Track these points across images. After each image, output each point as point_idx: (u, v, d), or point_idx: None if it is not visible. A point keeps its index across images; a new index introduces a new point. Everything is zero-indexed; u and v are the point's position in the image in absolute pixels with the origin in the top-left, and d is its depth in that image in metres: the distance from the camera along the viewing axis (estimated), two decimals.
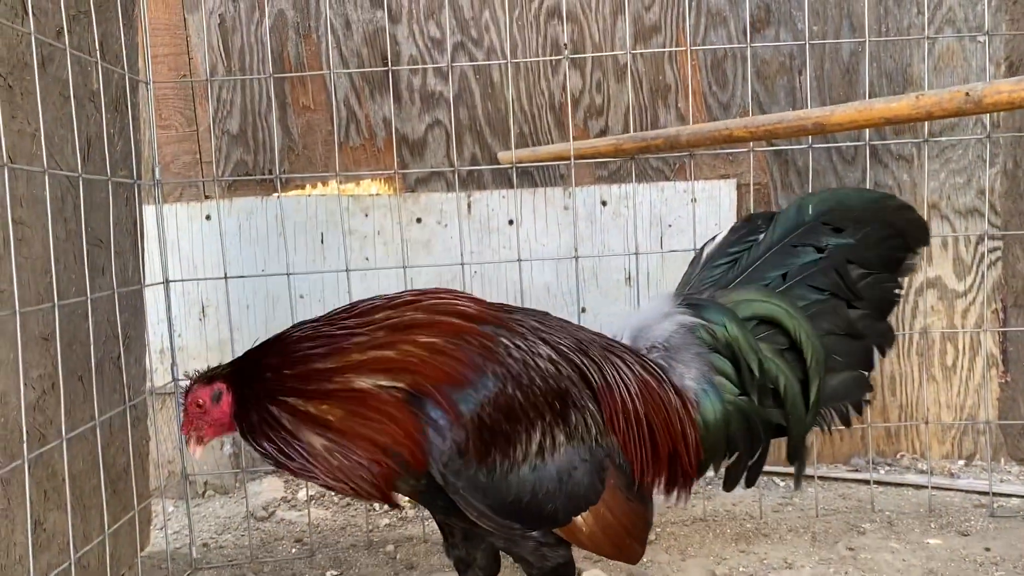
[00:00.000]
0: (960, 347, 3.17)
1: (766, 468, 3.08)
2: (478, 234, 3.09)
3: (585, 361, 1.70)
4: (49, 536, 1.93)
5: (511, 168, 2.83)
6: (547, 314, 1.81)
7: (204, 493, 3.19)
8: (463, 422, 1.49)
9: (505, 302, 1.82)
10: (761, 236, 1.92)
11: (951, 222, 3.13)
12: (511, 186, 3.06)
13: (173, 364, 2.55)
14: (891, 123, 2.01)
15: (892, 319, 1.97)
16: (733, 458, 1.90)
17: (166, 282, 2.52)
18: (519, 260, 2.70)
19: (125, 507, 2.28)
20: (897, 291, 1.94)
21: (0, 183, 1.69)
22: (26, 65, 1.82)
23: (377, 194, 3.13)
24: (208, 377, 1.61)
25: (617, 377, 1.72)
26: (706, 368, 1.83)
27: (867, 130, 2.71)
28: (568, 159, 2.63)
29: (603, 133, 3.14)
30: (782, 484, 3.04)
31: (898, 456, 3.21)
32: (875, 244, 1.90)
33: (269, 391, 1.53)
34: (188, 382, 1.63)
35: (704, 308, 1.86)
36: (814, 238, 1.89)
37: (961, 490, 2.86)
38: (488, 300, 1.74)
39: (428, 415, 1.49)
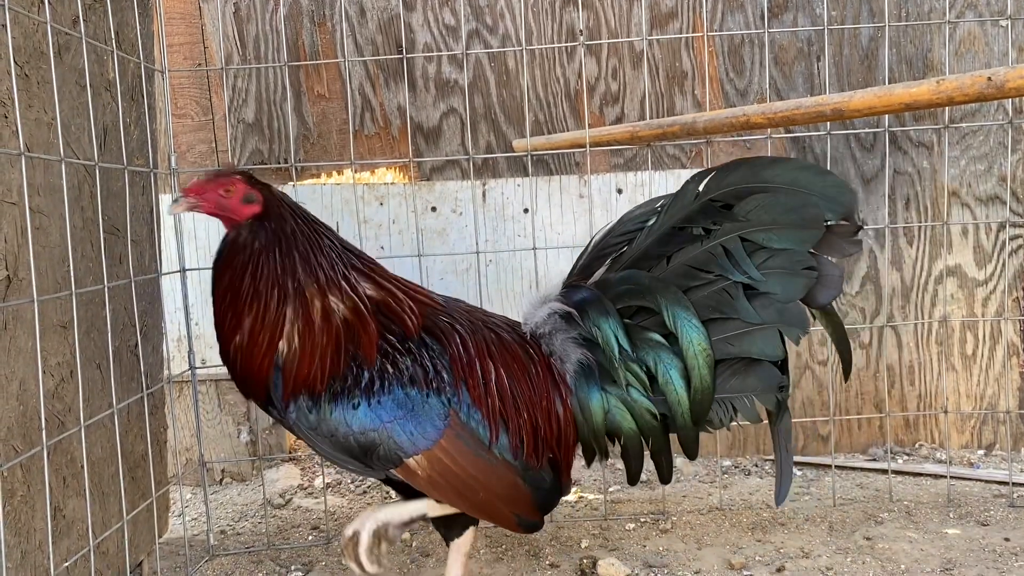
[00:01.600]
0: (980, 336, 3.13)
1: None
2: (493, 222, 3.08)
3: (450, 333, 1.84)
4: (68, 522, 1.95)
5: (526, 156, 2.82)
6: (463, 303, 2.00)
7: (221, 480, 3.22)
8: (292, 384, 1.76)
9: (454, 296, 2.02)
10: (654, 220, 1.87)
11: (972, 209, 3.09)
12: (526, 174, 3.05)
13: (190, 352, 2.56)
14: (911, 109, 1.99)
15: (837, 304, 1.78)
16: (619, 447, 1.91)
17: (183, 270, 2.53)
18: (534, 248, 2.69)
19: (143, 494, 2.30)
20: (808, 268, 1.75)
21: (17, 172, 1.70)
22: (42, 54, 1.83)
23: (392, 183, 3.13)
24: (255, 181, 1.84)
25: (483, 349, 1.85)
26: (583, 354, 1.86)
27: (886, 116, 2.69)
28: (584, 146, 2.62)
29: (619, 120, 3.12)
30: (799, 473, 3.03)
31: (916, 446, 3.19)
32: (775, 217, 1.75)
33: (267, 246, 1.79)
34: (237, 168, 1.87)
35: (577, 295, 1.89)
36: (699, 217, 1.80)
37: (981, 480, 2.84)
38: (441, 295, 1.98)
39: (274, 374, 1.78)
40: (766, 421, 1.88)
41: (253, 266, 1.79)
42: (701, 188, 1.82)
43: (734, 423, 1.87)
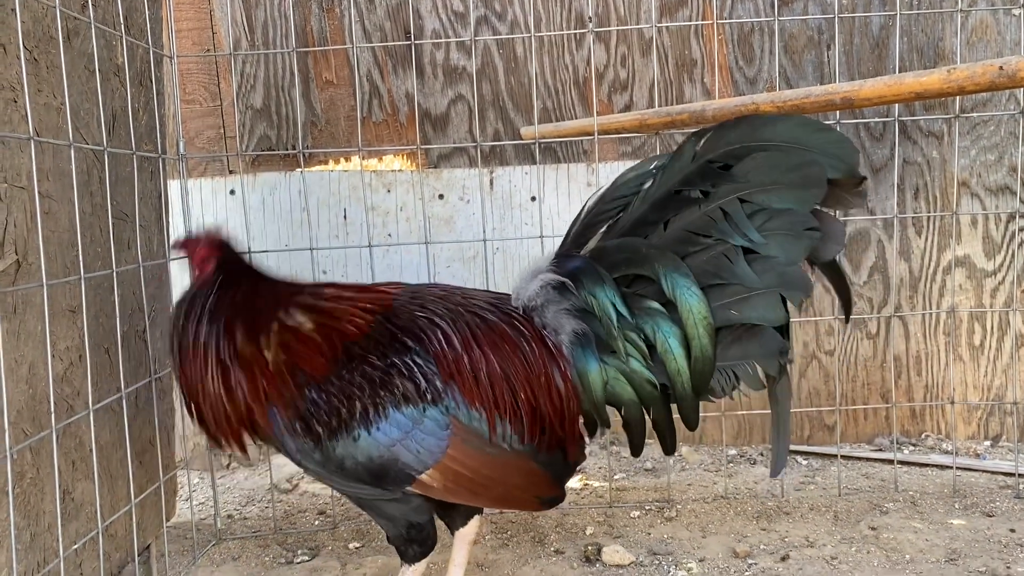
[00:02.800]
0: (988, 327, 3.12)
1: (790, 447, 3.09)
2: (500, 210, 3.08)
3: (429, 329, 1.78)
4: (77, 505, 1.96)
5: (534, 144, 2.81)
6: (438, 288, 1.94)
7: (229, 465, 3.23)
8: (294, 421, 1.73)
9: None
10: (649, 184, 1.78)
11: (981, 200, 3.08)
12: (534, 162, 3.04)
13: None
14: (921, 98, 1.98)
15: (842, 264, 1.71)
16: (622, 417, 1.86)
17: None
18: (541, 237, 2.69)
19: (151, 478, 2.31)
20: (810, 229, 1.68)
21: (27, 156, 1.70)
22: (51, 39, 1.83)
23: (400, 170, 3.13)
24: (213, 242, 1.87)
25: (467, 337, 1.79)
26: (577, 324, 1.81)
27: (896, 106, 2.67)
28: (592, 134, 2.61)
29: (627, 108, 3.11)
30: (804, 463, 3.03)
31: (923, 436, 3.19)
32: (776, 177, 1.67)
33: (221, 305, 1.79)
34: (210, 231, 1.90)
35: (569, 264, 1.82)
36: (697, 179, 1.72)
37: (987, 471, 2.84)
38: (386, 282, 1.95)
39: (273, 414, 1.74)
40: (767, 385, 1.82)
41: (196, 323, 1.80)
42: (699, 148, 1.73)
43: (737, 391, 1.81)
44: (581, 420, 1.88)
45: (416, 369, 1.73)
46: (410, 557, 1.87)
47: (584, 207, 1.87)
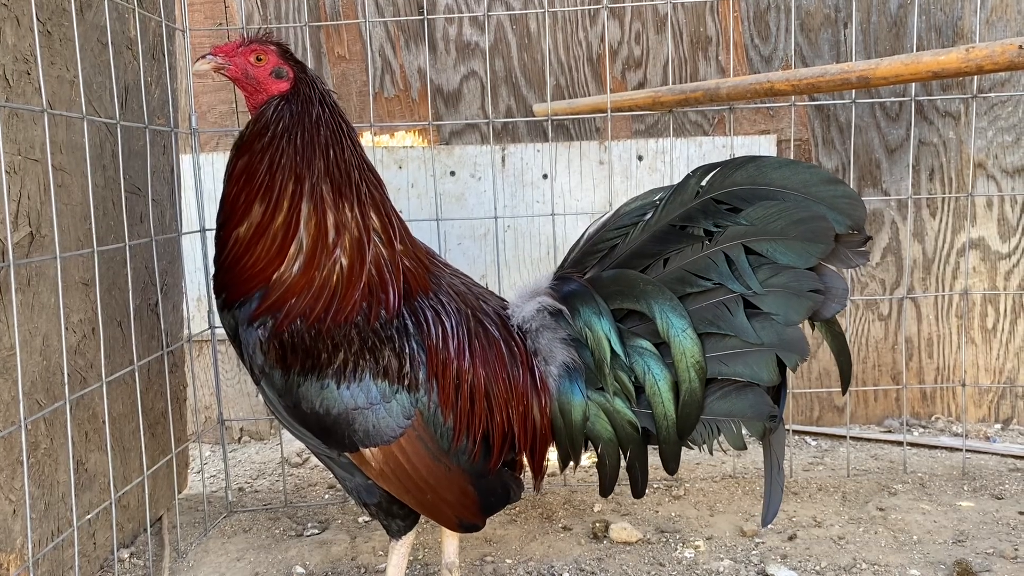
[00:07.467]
0: (1002, 309, 3.11)
1: (798, 428, 3.10)
2: (512, 188, 3.07)
3: (435, 321, 1.73)
4: (90, 476, 1.98)
5: (546, 121, 2.80)
6: (459, 280, 1.89)
7: (240, 439, 3.26)
8: (271, 333, 1.67)
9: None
10: (651, 215, 1.74)
11: (997, 181, 3.05)
12: (546, 139, 3.03)
13: (210, 312, 2.58)
14: (939, 77, 1.95)
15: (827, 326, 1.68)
16: (594, 456, 1.82)
17: (203, 230, 2.54)
18: (552, 214, 2.68)
19: (163, 450, 2.33)
20: (814, 290, 1.63)
21: (40, 129, 1.71)
22: (64, 11, 1.83)
23: (411, 146, 3.12)
24: (289, 56, 1.74)
25: (464, 344, 1.74)
26: (569, 356, 1.77)
27: (913, 85, 2.64)
28: (605, 112, 2.60)
29: (641, 86, 3.09)
30: (813, 443, 3.03)
31: (933, 418, 3.18)
32: (783, 227, 1.63)
33: (289, 129, 1.69)
34: (273, 37, 1.75)
35: (568, 291, 1.79)
36: (699, 216, 1.69)
37: (996, 453, 2.83)
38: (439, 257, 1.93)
39: (261, 317, 1.68)
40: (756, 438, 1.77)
41: (273, 150, 1.69)
42: (704, 184, 1.70)
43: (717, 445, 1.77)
44: (548, 457, 1.85)
45: (407, 351, 1.69)
46: (394, 532, 1.85)
47: (584, 233, 1.84)
